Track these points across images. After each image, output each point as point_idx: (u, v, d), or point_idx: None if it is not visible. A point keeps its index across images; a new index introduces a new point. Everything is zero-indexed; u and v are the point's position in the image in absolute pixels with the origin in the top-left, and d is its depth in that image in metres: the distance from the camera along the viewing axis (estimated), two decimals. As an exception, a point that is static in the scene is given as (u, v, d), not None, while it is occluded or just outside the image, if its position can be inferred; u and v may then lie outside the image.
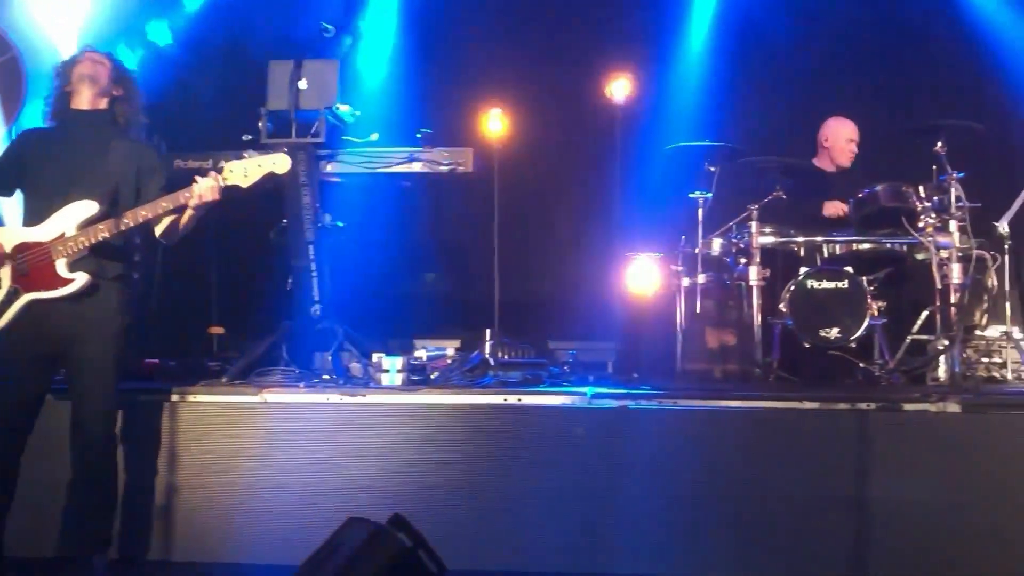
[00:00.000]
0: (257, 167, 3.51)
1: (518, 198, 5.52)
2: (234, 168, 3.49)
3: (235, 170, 3.49)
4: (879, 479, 3.58)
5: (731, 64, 6.33)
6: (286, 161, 3.52)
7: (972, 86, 6.11)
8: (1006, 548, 3.48)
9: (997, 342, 5.07)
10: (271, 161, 3.51)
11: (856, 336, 4.68)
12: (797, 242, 5.04)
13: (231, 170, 3.49)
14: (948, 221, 4.71)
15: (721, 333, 5.31)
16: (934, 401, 3.69)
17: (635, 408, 3.84)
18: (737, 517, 3.65)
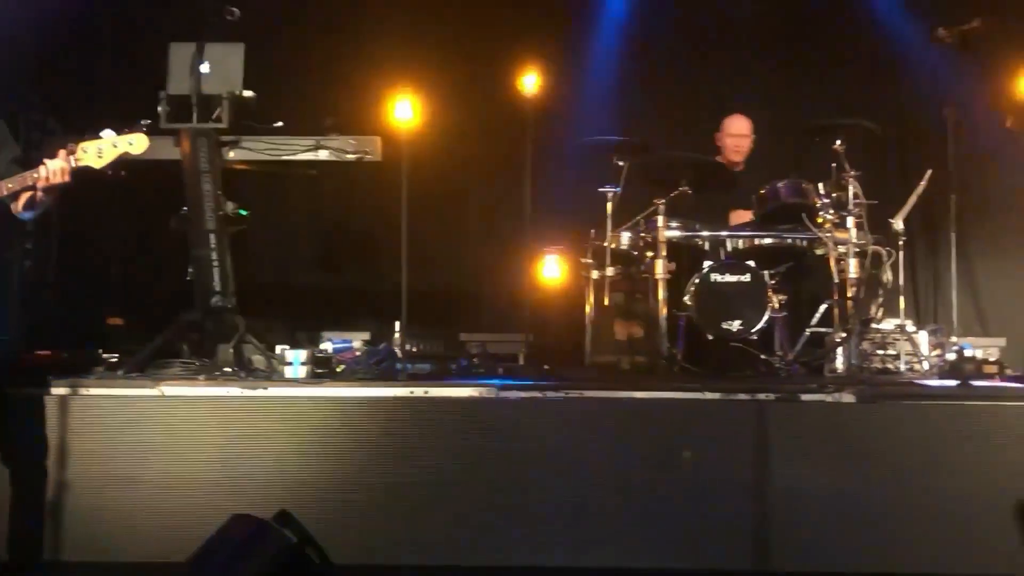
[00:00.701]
0: (112, 147, 3.36)
1: (428, 188, 5.43)
2: (87, 148, 3.34)
3: (88, 150, 3.34)
4: (778, 468, 3.67)
5: (641, 60, 6.39)
6: (143, 141, 3.40)
7: (870, 87, 6.31)
8: (899, 533, 3.61)
9: (891, 335, 5.24)
10: (127, 141, 3.38)
11: (757, 328, 4.79)
12: (702, 236, 5.13)
13: (84, 150, 3.33)
14: (846, 218, 4.86)
15: (629, 325, 5.37)
16: (830, 392, 3.81)
17: (544, 399, 3.85)
18: (641, 506, 3.70)
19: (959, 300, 5.97)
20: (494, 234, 6.16)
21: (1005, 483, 3.55)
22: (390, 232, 5.06)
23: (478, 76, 6.16)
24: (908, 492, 3.64)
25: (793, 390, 3.85)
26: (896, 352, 5.21)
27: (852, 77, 6.35)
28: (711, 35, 6.43)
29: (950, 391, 3.98)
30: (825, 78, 6.39)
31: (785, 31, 6.42)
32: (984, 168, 5.84)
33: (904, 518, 3.63)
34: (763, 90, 6.37)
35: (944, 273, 6.13)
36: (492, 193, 6.29)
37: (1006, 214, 5.93)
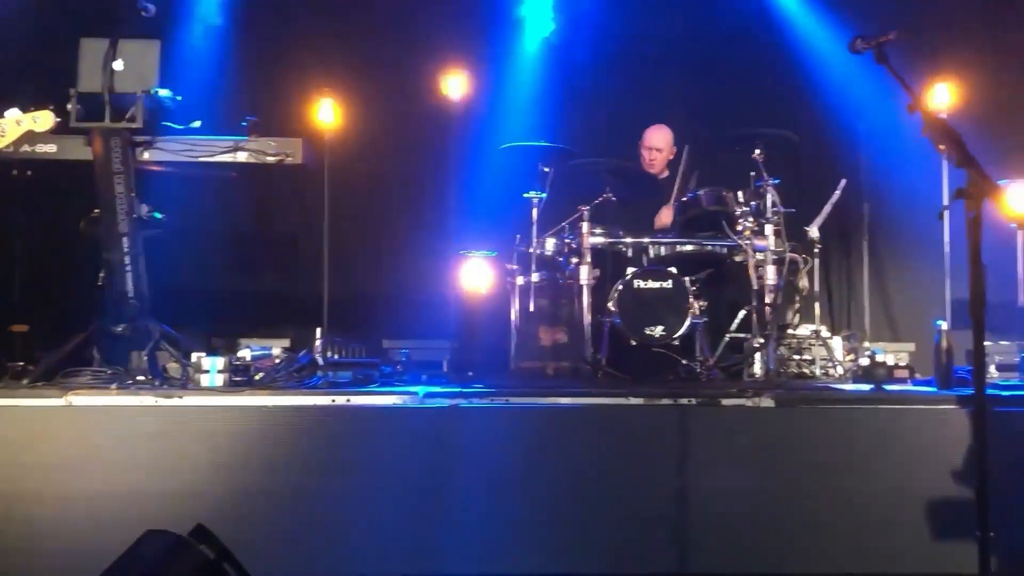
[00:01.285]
0: (16, 124, 3.25)
1: (351, 192, 5.38)
2: None
3: None
4: (700, 472, 3.70)
5: (565, 67, 6.42)
6: (48, 118, 3.28)
7: (788, 97, 6.46)
8: (817, 535, 3.67)
9: (808, 340, 5.37)
10: (32, 118, 3.26)
11: (679, 334, 4.85)
12: (625, 243, 5.17)
13: None
14: (764, 225, 4.97)
15: (553, 331, 5.38)
16: (749, 396, 3.86)
17: (467, 407, 3.82)
18: (567, 512, 3.69)
19: (871, 306, 6.18)
20: (418, 239, 6.10)
21: (916, 483, 3.65)
22: (311, 236, 4.99)
23: (402, 79, 6.11)
24: (825, 494, 3.70)
25: (714, 395, 3.90)
26: (812, 357, 5.34)
27: (772, 88, 6.49)
28: (636, 45, 6.49)
29: (863, 395, 4.09)
30: (746, 88, 6.52)
31: (708, 42, 6.53)
32: (895, 178, 6.03)
33: (821, 519, 3.69)
34: (686, 99, 6.47)
35: (857, 280, 6.34)
36: (416, 197, 6.23)
37: (916, 223, 6.12)
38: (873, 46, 2.43)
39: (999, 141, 5.90)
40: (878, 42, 2.42)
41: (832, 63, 6.20)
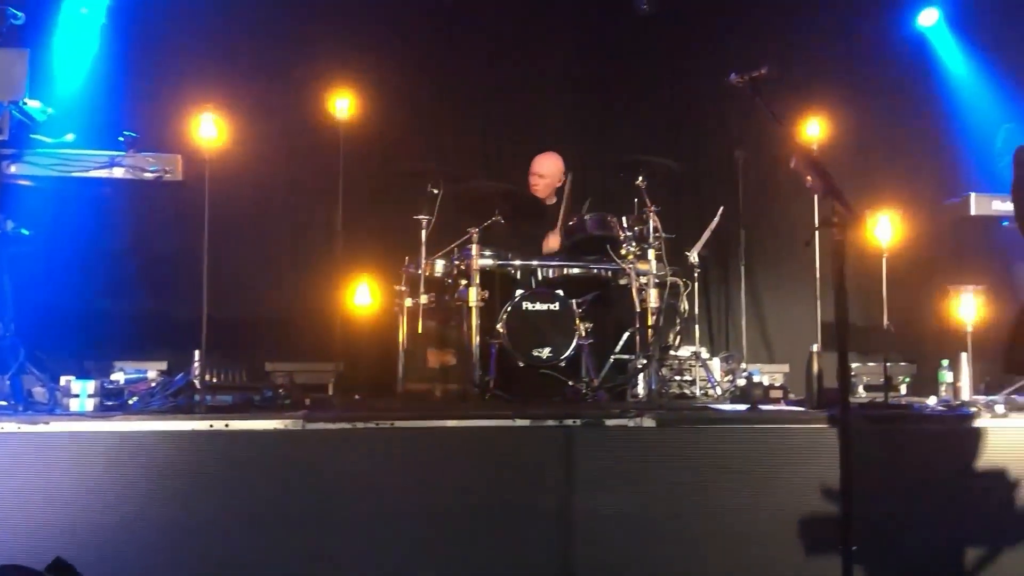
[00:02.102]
0: None
1: (233, 211, 5.22)
2: None
3: None
4: (585, 492, 3.73)
5: (460, 90, 6.46)
6: None
7: (671, 127, 6.68)
8: (696, 552, 3.76)
9: (688, 361, 5.52)
10: None
11: (566, 355, 4.92)
12: (514, 265, 5.22)
13: None
14: (647, 250, 5.11)
15: (442, 353, 5.36)
16: (632, 416, 3.93)
17: (352, 430, 3.75)
18: (453, 535, 3.67)
19: (748, 329, 6.41)
20: (303, 259, 5.99)
21: (789, 500, 3.79)
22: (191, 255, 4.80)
23: (289, 97, 6.01)
24: (703, 511, 3.79)
25: (598, 415, 3.96)
26: (692, 378, 5.49)
27: (655, 117, 6.69)
28: (528, 71, 6.59)
29: (740, 415, 4.22)
30: (631, 118, 6.70)
31: (596, 72, 6.68)
32: (770, 206, 6.30)
33: (700, 536, 3.78)
34: (574, 126, 6.59)
35: (735, 303, 6.56)
36: (302, 217, 6.12)
37: (789, 249, 6.41)
38: (747, 80, 2.54)
39: (865, 173, 6.24)
40: (752, 77, 2.53)
41: (712, 94, 6.45)
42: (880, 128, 6.65)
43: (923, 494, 3.84)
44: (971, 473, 3.88)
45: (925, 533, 3.82)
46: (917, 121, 6.73)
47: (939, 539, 3.83)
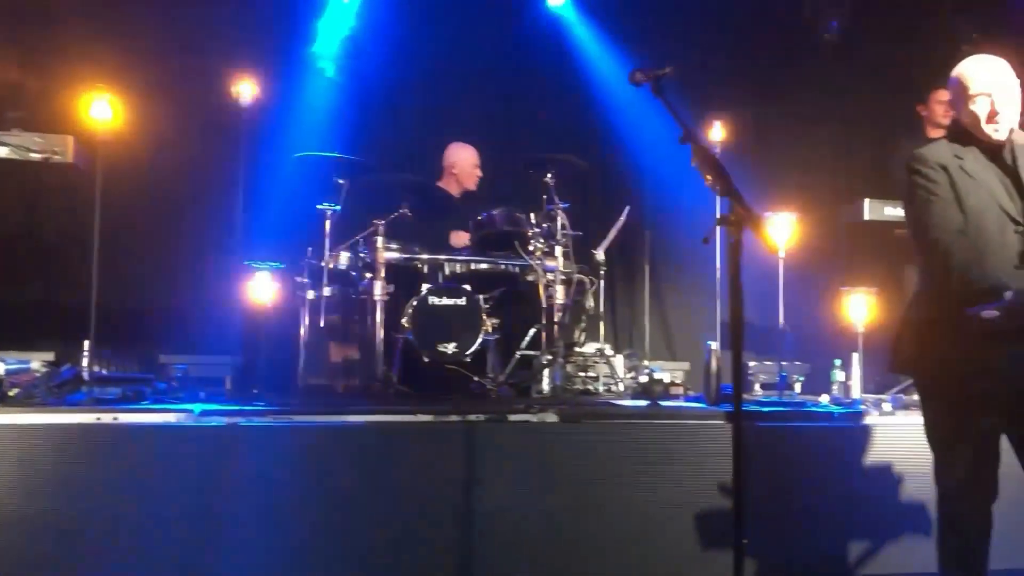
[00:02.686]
0: None
1: (128, 196, 5.01)
2: None
3: None
4: (487, 488, 3.72)
5: (361, 80, 6.35)
6: None
7: (580, 125, 6.72)
8: (594, 547, 3.79)
9: (592, 358, 5.57)
10: None
11: (471, 351, 4.89)
12: (421, 259, 5.16)
13: None
14: (554, 247, 5.12)
15: (345, 347, 5.28)
16: (535, 412, 3.94)
17: (247, 425, 3.65)
18: (352, 532, 3.61)
19: (651, 326, 6.51)
20: (201, 248, 5.78)
21: (687, 495, 3.85)
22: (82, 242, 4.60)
23: (189, 80, 5.80)
24: (603, 506, 3.83)
25: (501, 411, 3.95)
26: (596, 374, 5.54)
27: (565, 115, 6.72)
28: (438, 64, 6.53)
29: (640, 410, 4.28)
30: (542, 115, 6.72)
31: (506, 67, 6.67)
32: (675, 205, 6.39)
33: (599, 531, 3.81)
34: (485, 121, 6.56)
35: (639, 301, 6.66)
36: (200, 204, 5.90)
37: (692, 249, 6.50)
38: (651, 79, 2.55)
39: (765, 176, 6.41)
40: (655, 75, 2.54)
41: (620, 95, 6.53)
42: (781, 132, 6.84)
43: (814, 489, 3.96)
44: (859, 469, 4.03)
45: (815, 527, 3.94)
46: (817, 127, 6.95)
47: (828, 533, 3.96)
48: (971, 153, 2.87)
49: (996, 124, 2.82)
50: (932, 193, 2.82)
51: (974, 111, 2.84)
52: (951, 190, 2.81)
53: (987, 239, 2.76)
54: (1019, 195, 2.82)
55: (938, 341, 2.80)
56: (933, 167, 2.84)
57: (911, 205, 2.91)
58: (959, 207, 2.80)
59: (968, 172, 2.83)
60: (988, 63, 2.87)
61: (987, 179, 2.83)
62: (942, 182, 2.82)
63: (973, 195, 2.80)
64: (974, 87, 2.83)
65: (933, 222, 2.80)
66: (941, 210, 2.80)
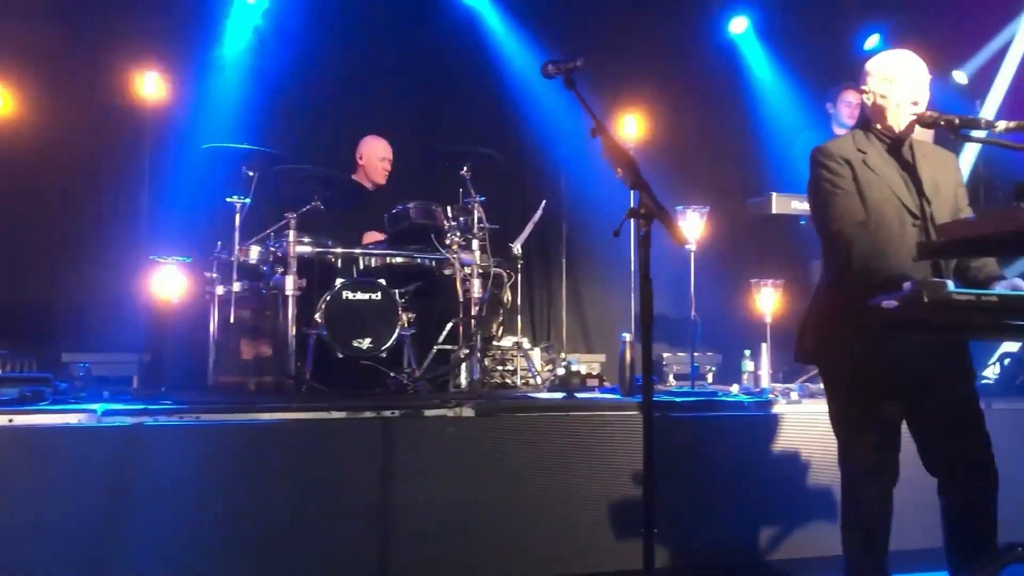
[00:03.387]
0: None
1: (25, 188, 4.80)
2: None
3: None
4: (403, 485, 3.69)
5: (275, 73, 6.21)
6: None
7: (498, 119, 6.72)
8: (512, 540, 3.80)
9: (510, 351, 5.59)
10: None
11: (387, 346, 4.84)
12: (334, 253, 5.08)
13: None
14: (471, 240, 5.11)
15: (256, 344, 5.17)
16: (451, 406, 3.92)
17: (152, 425, 3.53)
18: (266, 532, 3.53)
19: (568, 319, 6.56)
20: (106, 243, 5.56)
21: (605, 485, 3.89)
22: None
23: (91, 70, 5.58)
24: (523, 499, 3.84)
25: (417, 406, 3.92)
26: (514, 368, 5.56)
27: (483, 109, 6.71)
28: (353, 55, 6.44)
29: (556, 403, 4.30)
30: (458, 108, 6.68)
31: (423, 60, 6.62)
32: (591, 199, 6.45)
33: (519, 525, 3.82)
34: (399, 114, 6.50)
35: (556, 295, 6.70)
36: (105, 198, 5.67)
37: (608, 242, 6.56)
38: (563, 71, 2.56)
39: (676, 170, 6.51)
40: (567, 68, 2.55)
41: (536, 89, 6.55)
42: (692, 128, 6.96)
43: (725, 477, 4.05)
44: (768, 456, 4.13)
45: (726, 514, 4.03)
46: (727, 123, 7.10)
47: (739, 520, 4.05)
48: (874, 148, 2.96)
49: (903, 117, 2.91)
50: (836, 186, 2.90)
51: (889, 103, 2.92)
52: (854, 183, 2.89)
53: (887, 232, 2.85)
54: (917, 190, 2.92)
55: (841, 331, 2.88)
56: (837, 160, 2.92)
57: (815, 197, 2.99)
58: (861, 200, 2.88)
59: (870, 166, 2.92)
60: (904, 55, 2.96)
61: (888, 173, 2.92)
62: (845, 175, 2.90)
63: (875, 189, 2.89)
64: (891, 78, 2.91)
65: (836, 214, 2.88)
66: (844, 203, 2.88)
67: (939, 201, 2.93)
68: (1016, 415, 4.46)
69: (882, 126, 2.96)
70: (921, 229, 2.88)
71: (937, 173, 2.97)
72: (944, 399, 2.88)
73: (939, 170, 2.99)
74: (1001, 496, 2.93)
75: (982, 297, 2.38)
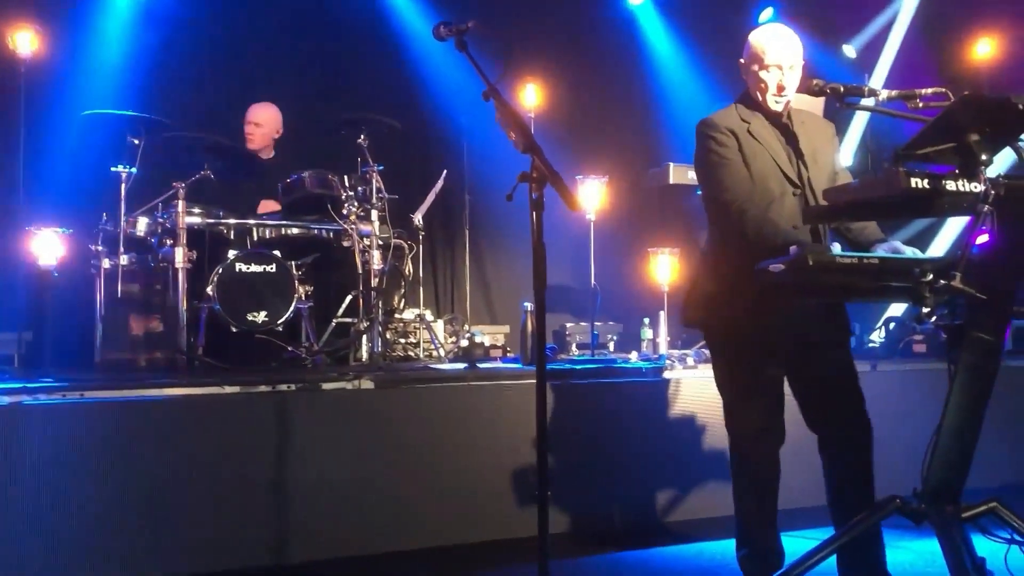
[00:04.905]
0: None
1: None
2: None
3: None
4: (301, 460, 3.63)
5: (162, 36, 5.95)
6: None
7: (396, 86, 6.61)
8: (415, 510, 3.77)
9: (412, 324, 5.54)
10: None
11: (283, 319, 4.73)
12: (227, 224, 4.93)
13: None
14: (370, 210, 5.02)
15: (146, 319, 4.97)
16: (350, 379, 3.86)
17: (33, 404, 3.36)
18: (157, 512, 3.41)
19: (472, 291, 6.54)
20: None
21: (505, 453, 3.90)
22: None
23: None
24: (423, 468, 3.81)
25: (314, 379, 3.85)
26: (416, 340, 5.51)
27: (380, 76, 6.58)
28: (245, 18, 6.22)
29: (457, 373, 4.28)
30: (354, 74, 6.54)
31: (316, 24, 6.44)
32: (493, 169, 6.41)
33: (419, 495, 3.79)
34: (294, 80, 6.32)
35: (460, 266, 6.67)
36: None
37: (509, 214, 6.55)
38: (455, 33, 2.51)
39: (576, 141, 6.54)
40: (459, 30, 2.50)
41: (435, 56, 6.46)
42: (592, 99, 7.00)
43: (623, 442, 4.11)
44: (665, 420, 4.21)
45: (626, 478, 4.10)
46: (626, 94, 7.16)
47: (638, 483, 4.13)
48: (756, 119, 3.02)
49: (781, 96, 2.97)
50: (723, 157, 2.95)
51: (763, 80, 2.97)
52: (739, 154, 2.94)
53: (769, 201, 2.92)
54: (797, 159, 2.99)
55: (727, 296, 2.94)
56: (723, 132, 2.97)
57: (704, 168, 3.03)
58: (747, 170, 2.94)
59: (755, 136, 2.97)
60: (780, 34, 3.01)
61: (771, 143, 2.99)
62: (732, 146, 2.95)
63: (759, 159, 2.95)
64: (767, 58, 2.96)
65: (726, 184, 2.93)
66: (733, 173, 2.93)
67: (816, 169, 3.02)
68: (901, 376, 4.67)
69: (761, 97, 3.02)
70: (800, 197, 2.96)
71: (815, 141, 3.06)
72: (823, 359, 2.99)
73: (817, 138, 3.07)
74: (886, 452, 3.06)
75: (864, 260, 2.46)
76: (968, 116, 2.39)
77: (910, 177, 2.36)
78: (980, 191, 2.35)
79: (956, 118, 2.41)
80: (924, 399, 3.96)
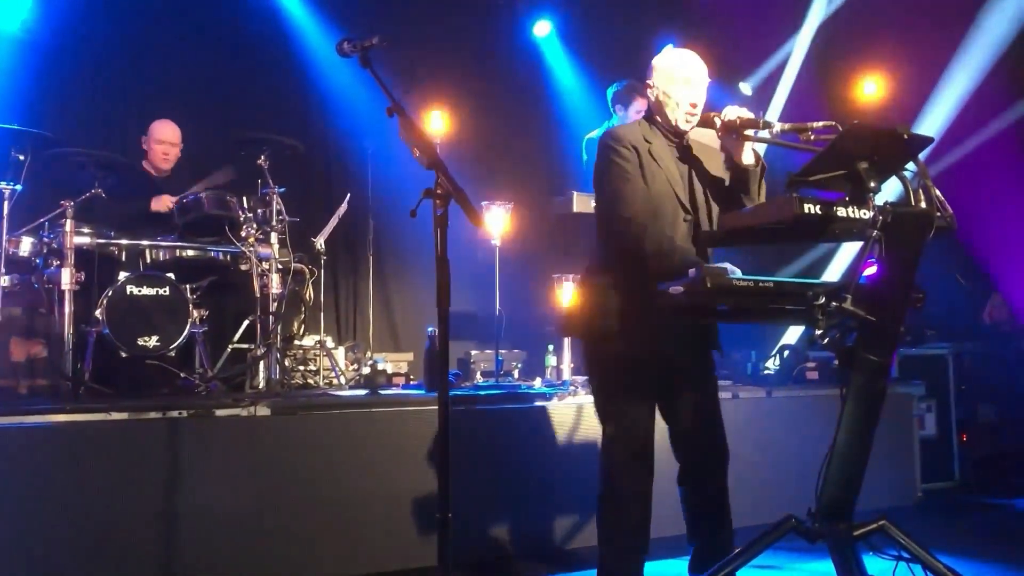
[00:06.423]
0: None
1: None
2: None
3: None
4: (191, 488, 3.50)
5: (54, 50, 5.71)
6: None
7: (299, 108, 6.51)
8: (312, 539, 3.66)
9: (312, 350, 5.40)
10: None
11: (176, 344, 4.55)
12: (118, 244, 4.73)
13: None
14: (270, 233, 4.89)
15: (28, 343, 4.72)
16: (245, 406, 3.74)
17: None
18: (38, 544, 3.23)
19: (375, 317, 6.44)
20: None
21: (407, 480, 3.83)
22: None
23: None
24: (321, 498, 3.72)
25: (207, 406, 3.71)
26: (316, 367, 5.38)
27: (282, 96, 6.47)
28: (143, 32, 6.03)
29: (360, 399, 4.19)
30: (256, 92, 6.40)
31: (216, 43, 6.30)
32: (398, 193, 6.37)
33: (316, 526, 3.69)
34: (193, 97, 6.15)
35: (363, 292, 6.56)
36: None
37: (414, 239, 6.52)
38: (359, 49, 2.48)
39: (483, 167, 6.56)
40: (363, 46, 2.47)
41: (340, 77, 6.40)
42: (498, 126, 7.04)
43: (526, 468, 4.09)
44: (566, 446, 4.21)
45: (528, 504, 4.07)
46: (531, 122, 7.24)
47: (540, 509, 4.10)
48: (657, 139, 3.07)
49: (693, 114, 3.04)
50: (625, 172, 2.98)
51: (674, 98, 3.03)
52: (640, 171, 2.98)
53: (663, 224, 2.96)
54: (690, 185, 3.06)
55: (611, 313, 2.95)
56: (627, 147, 3.00)
57: (604, 180, 3.04)
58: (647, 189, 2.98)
59: (655, 157, 3.02)
60: (688, 57, 3.09)
61: (669, 166, 3.04)
62: (634, 162, 2.99)
63: (657, 181, 3.00)
64: (678, 73, 3.03)
65: (628, 199, 2.95)
66: (635, 189, 2.97)
67: (710, 196, 3.08)
68: (794, 401, 4.79)
69: (663, 120, 3.08)
70: (691, 224, 3.01)
71: (710, 168, 3.13)
72: (693, 392, 3.07)
73: (712, 165, 3.15)
74: (781, 475, 3.13)
75: (759, 283, 2.52)
76: (857, 144, 2.49)
77: (803, 203, 2.43)
78: (869, 217, 2.44)
79: (846, 146, 2.50)
80: (816, 424, 4.08)
